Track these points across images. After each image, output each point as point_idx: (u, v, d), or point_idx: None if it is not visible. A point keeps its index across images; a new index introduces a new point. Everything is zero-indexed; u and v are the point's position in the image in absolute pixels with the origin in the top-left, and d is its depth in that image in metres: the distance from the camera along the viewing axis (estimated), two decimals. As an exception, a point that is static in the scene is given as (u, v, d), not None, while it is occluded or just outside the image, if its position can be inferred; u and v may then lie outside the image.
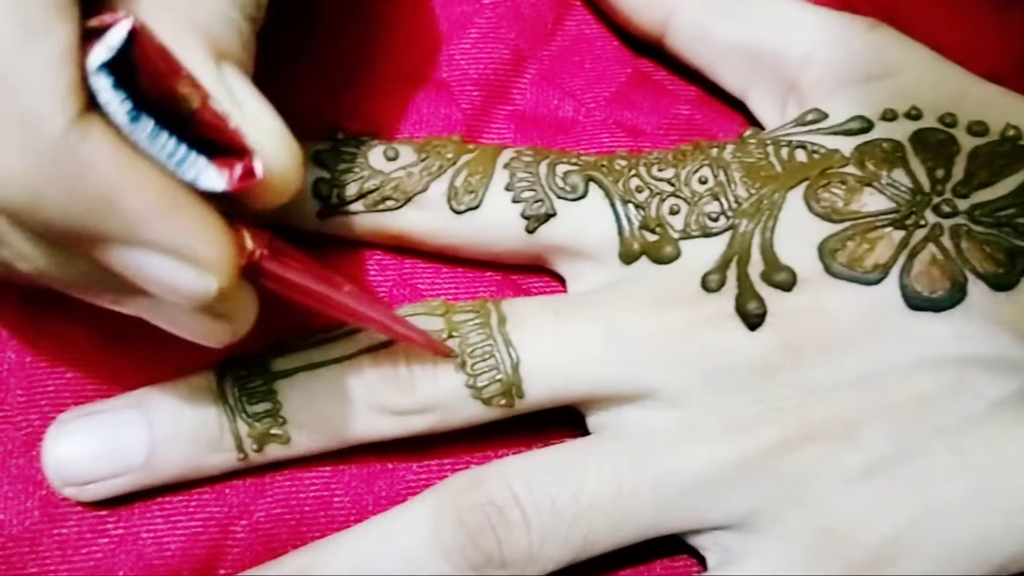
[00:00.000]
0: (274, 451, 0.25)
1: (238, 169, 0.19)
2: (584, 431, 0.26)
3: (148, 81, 0.18)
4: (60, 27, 0.17)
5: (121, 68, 0.18)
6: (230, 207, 0.19)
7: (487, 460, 0.26)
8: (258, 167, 0.19)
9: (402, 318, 0.24)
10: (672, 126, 0.30)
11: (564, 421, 0.26)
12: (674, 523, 0.24)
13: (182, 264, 0.18)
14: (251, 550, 0.25)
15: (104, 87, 0.18)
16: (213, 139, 0.19)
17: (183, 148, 0.18)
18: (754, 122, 0.30)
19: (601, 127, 0.30)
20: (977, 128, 0.26)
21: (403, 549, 0.23)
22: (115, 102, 0.18)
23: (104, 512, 0.25)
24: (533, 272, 0.28)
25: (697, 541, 0.25)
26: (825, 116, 0.27)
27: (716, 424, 0.24)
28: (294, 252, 0.22)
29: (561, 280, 0.28)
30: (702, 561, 0.25)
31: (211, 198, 0.19)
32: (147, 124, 0.18)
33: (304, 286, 0.22)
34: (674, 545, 0.25)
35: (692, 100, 0.31)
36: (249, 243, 0.20)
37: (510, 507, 0.23)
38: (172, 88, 0.18)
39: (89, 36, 0.18)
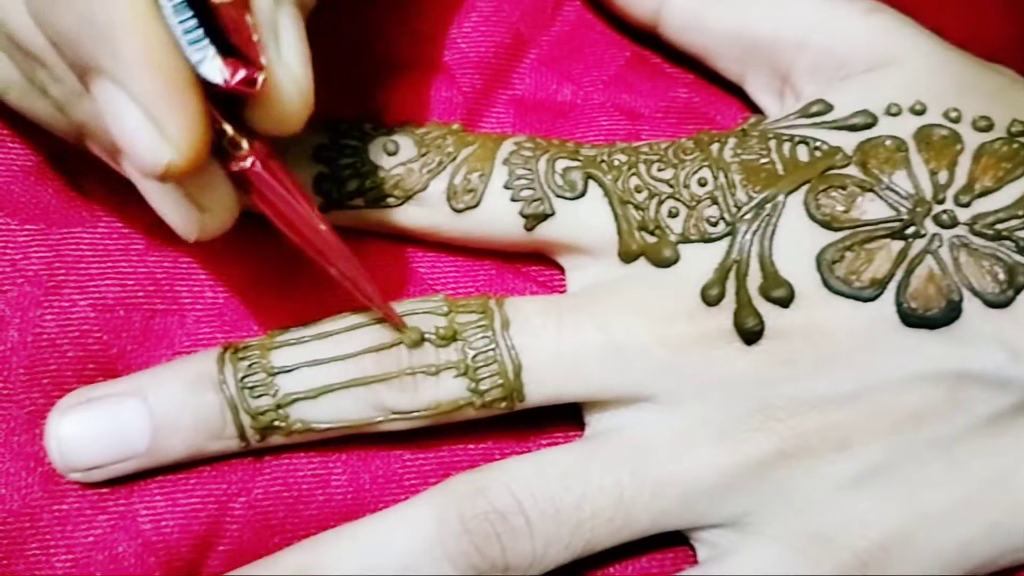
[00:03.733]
0: (276, 440, 0.24)
1: (240, 73, 0.19)
2: (579, 417, 0.26)
3: None
4: None
5: None
6: (239, 118, 0.20)
7: (484, 442, 0.26)
8: (259, 80, 0.19)
9: (365, 275, 0.23)
10: (670, 109, 0.29)
11: (560, 408, 0.25)
12: (670, 525, 0.24)
13: (148, 123, 0.18)
14: (249, 527, 0.25)
15: None
16: (234, 42, 0.19)
17: (200, 32, 0.19)
18: (753, 104, 0.29)
19: (599, 111, 0.29)
20: (982, 124, 0.25)
21: (404, 553, 0.23)
22: None
23: (104, 490, 0.24)
24: (533, 258, 0.27)
25: (689, 532, 0.24)
26: (830, 108, 0.26)
27: (713, 432, 0.23)
28: (287, 177, 0.22)
29: (561, 267, 0.27)
30: (692, 548, 0.25)
31: (221, 99, 0.20)
32: None
33: (283, 207, 0.22)
34: (664, 538, 0.25)
35: (691, 83, 0.30)
36: (245, 146, 0.21)
37: (514, 514, 0.23)
38: None
39: None
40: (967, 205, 0.24)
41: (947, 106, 0.25)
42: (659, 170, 0.25)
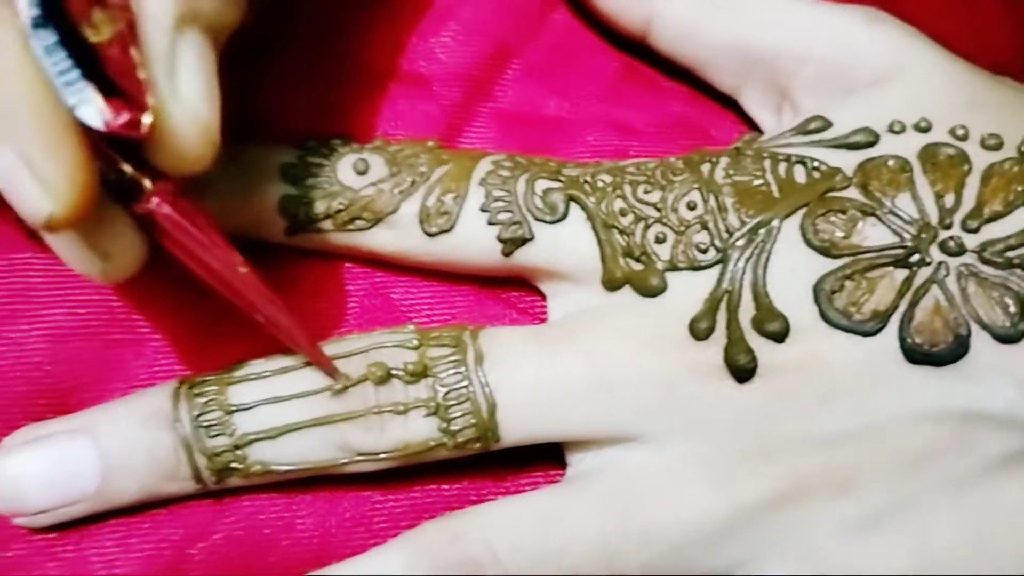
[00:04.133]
0: (235, 482, 0.23)
1: (123, 116, 0.18)
2: (562, 454, 0.24)
3: None
4: None
5: None
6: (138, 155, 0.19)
7: (459, 483, 0.24)
8: (145, 123, 0.18)
9: (290, 317, 0.22)
10: (663, 124, 0.28)
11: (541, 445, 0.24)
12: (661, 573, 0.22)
13: (27, 174, 0.17)
14: (209, 574, 0.23)
15: None
16: (119, 80, 0.18)
17: (76, 73, 0.17)
18: (750, 118, 0.28)
19: (588, 125, 0.27)
20: (991, 142, 0.23)
21: None
22: (23, 1, 0.17)
23: (53, 535, 0.23)
24: (514, 283, 0.26)
25: None
26: (828, 125, 0.24)
27: (705, 475, 0.22)
28: (199, 216, 0.20)
29: (542, 292, 0.25)
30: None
31: (115, 140, 0.18)
32: (48, 36, 0.17)
33: (197, 250, 0.20)
34: None
35: (685, 96, 0.28)
36: (147, 186, 0.19)
37: (489, 565, 0.21)
38: (87, 12, 0.18)
39: None
40: (976, 231, 0.22)
41: (954, 123, 0.24)
42: (645, 192, 0.24)
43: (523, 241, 0.24)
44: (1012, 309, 0.22)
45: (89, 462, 0.22)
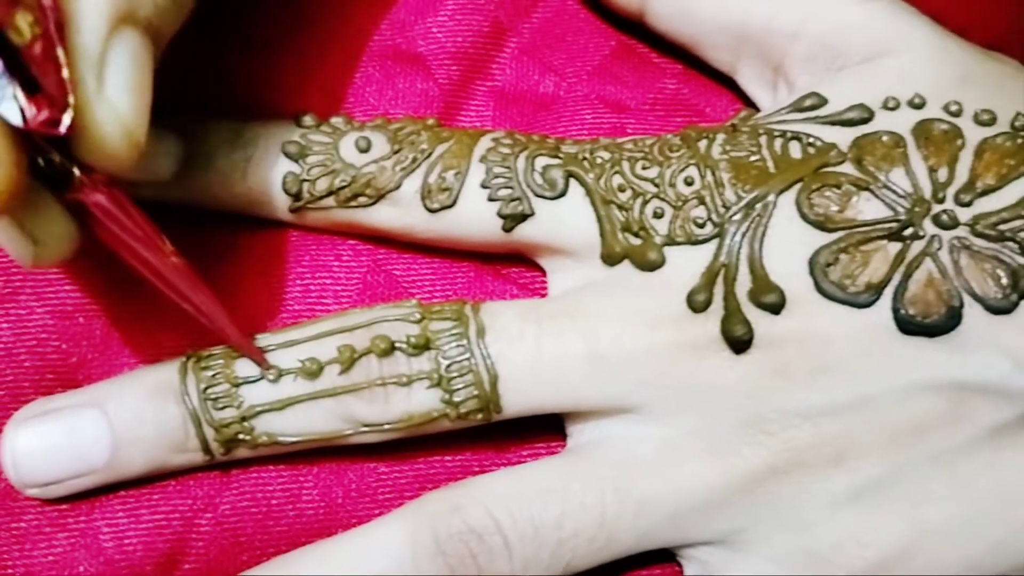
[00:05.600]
0: (242, 453, 0.23)
1: (43, 114, 0.18)
2: (563, 426, 0.25)
3: None
4: None
5: None
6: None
7: (461, 454, 0.25)
8: (65, 122, 0.18)
9: (221, 308, 0.22)
10: (658, 101, 0.28)
11: (542, 417, 0.24)
12: (656, 543, 0.23)
13: None
14: (216, 544, 0.24)
15: None
16: (43, 79, 0.18)
17: None
18: (745, 96, 0.28)
19: (584, 103, 0.28)
20: (984, 117, 0.24)
21: (376, 574, 0.22)
22: None
23: (64, 506, 0.24)
24: (514, 260, 0.26)
25: (676, 549, 0.24)
26: (824, 102, 0.25)
27: (701, 446, 0.22)
28: (131, 206, 0.21)
29: (542, 268, 0.26)
30: (679, 564, 0.24)
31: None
32: None
33: (128, 238, 0.21)
34: (650, 554, 0.24)
35: (679, 74, 0.29)
36: (77, 174, 0.19)
37: (490, 534, 0.22)
38: (10, 14, 0.17)
39: None
40: (968, 204, 0.23)
41: (947, 99, 0.24)
42: (644, 168, 0.24)
43: (523, 217, 0.24)
44: (1004, 281, 0.22)
45: (99, 435, 0.23)
